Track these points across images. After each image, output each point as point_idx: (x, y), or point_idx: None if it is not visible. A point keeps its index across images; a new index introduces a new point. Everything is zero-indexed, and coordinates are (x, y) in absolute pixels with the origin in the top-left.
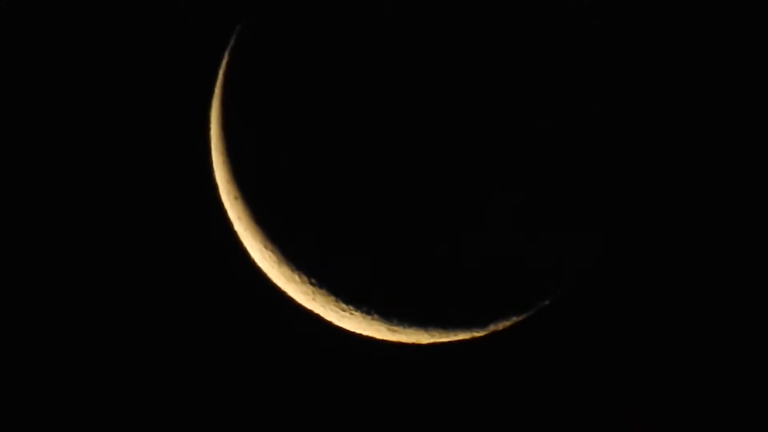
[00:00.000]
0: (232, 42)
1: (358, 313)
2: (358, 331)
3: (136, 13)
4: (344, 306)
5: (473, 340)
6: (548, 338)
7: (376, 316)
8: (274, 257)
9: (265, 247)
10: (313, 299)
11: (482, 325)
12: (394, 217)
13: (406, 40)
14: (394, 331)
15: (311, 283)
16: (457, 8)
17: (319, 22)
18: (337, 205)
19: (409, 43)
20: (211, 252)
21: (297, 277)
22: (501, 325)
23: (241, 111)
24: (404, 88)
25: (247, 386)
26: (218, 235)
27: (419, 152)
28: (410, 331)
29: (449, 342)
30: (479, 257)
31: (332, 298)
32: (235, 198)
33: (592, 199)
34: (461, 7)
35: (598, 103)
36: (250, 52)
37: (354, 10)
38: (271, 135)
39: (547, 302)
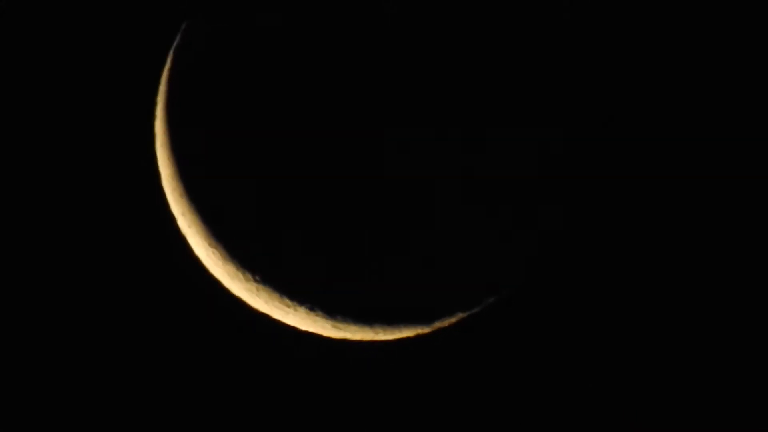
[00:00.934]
0: (178, 36)
1: (301, 309)
2: (302, 327)
3: (86, 9)
4: (288, 302)
5: (418, 337)
6: (495, 335)
7: (320, 312)
8: (218, 254)
9: (210, 245)
10: (257, 296)
11: (427, 322)
12: (338, 214)
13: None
14: (339, 328)
15: (255, 280)
16: (447, 8)
17: (262, 16)
18: (283, 203)
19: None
20: (155, 249)
21: (241, 275)
22: (446, 322)
23: (187, 106)
24: (345, 84)
25: (188, 385)
26: (162, 232)
27: (363, 150)
28: (355, 328)
29: (394, 339)
30: (425, 253)
31: (276, 294)
32: (180, 195)
33: (542, 195)
34: (451, 7)
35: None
36: (197, 46)
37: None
38: (217, 131)
39: (493, 299)
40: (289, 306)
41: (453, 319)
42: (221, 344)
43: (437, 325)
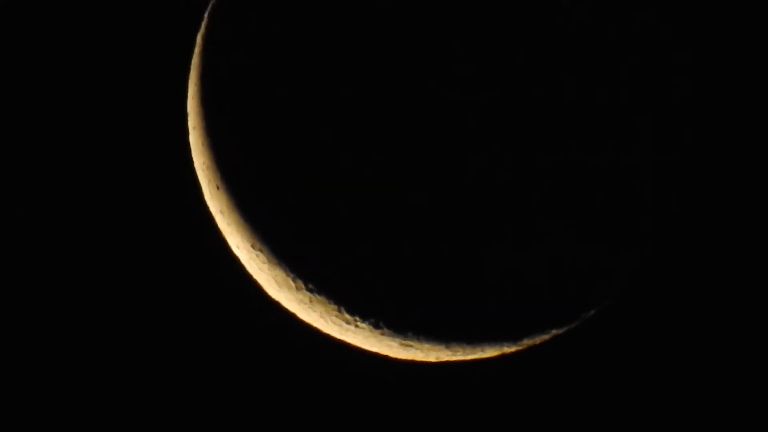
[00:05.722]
0: (207, 14)
1: (365, 325)
2: (365, 346)
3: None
4: (348, 317)
5: (503, 357)
6: (594, 355)
7: (386, 329)
8: (263, 257)
9: (253, 246)
10: (311, 308)
11: (515, 339)
12: (409, 209)
13: (400, 29)
14: (408, 346)
15: (308, 289)
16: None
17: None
18: (340, 196)
19: (406, 31)
20: (189, 251)
21: (291, 282)
22: (537, 340)
23: (223, 84)
24: (406, 74)
25: (233, 412)
26: (197, 232)
27: (443, 147)
28: (428, 346)
29: (474, 360)
30: (512, 258)
31: (334, 306)
32: (217, 188)
33: (645, 195)
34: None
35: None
36: (229, 20)
37: None
38: (259, 111)
39: (592, 312)
40: (349, 321)
41: (545, 336)
42: (266, 364)
43: (526, 342)
